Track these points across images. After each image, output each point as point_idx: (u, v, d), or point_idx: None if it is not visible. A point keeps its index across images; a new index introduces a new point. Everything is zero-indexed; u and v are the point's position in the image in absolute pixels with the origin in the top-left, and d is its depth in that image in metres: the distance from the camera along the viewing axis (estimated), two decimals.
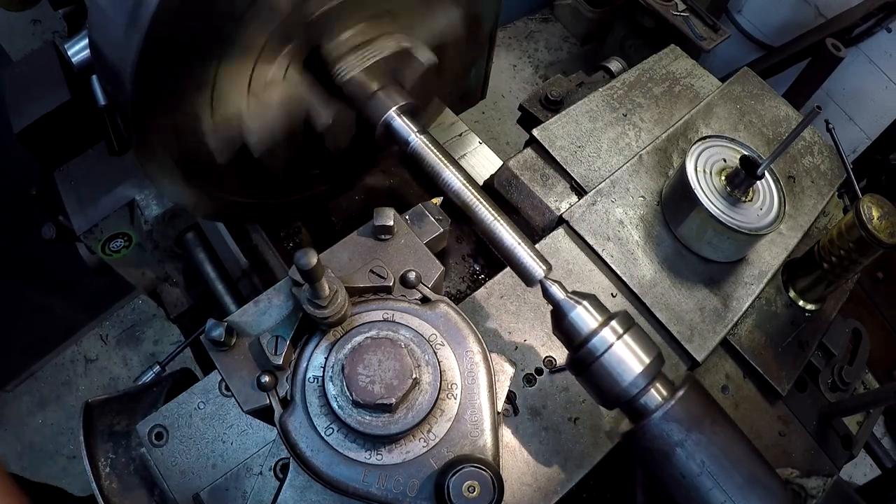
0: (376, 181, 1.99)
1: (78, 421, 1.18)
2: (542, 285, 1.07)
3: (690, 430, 0.96)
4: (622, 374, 0.97)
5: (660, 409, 0.97)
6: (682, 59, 1.85)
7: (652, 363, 0.99)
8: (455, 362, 0.95)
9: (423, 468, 0.88)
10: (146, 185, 1.85)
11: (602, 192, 1.50)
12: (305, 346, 0.95)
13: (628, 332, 1.00)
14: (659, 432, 0.96)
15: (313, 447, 0.88)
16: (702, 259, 1.45)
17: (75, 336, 4.00)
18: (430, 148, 1.24)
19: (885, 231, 1.30)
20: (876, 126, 3.39)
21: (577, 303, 1.02)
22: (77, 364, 3.97)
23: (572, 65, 5.44)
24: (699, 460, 0.95)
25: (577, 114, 1.65)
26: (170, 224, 1.93)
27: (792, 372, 1.45)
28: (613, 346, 0.98)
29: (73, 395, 3.86)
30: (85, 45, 1.39)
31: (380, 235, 1.05)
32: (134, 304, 4.17)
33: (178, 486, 1.08)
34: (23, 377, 3.85)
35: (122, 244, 1.97)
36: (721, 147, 1.49)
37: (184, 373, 1.42)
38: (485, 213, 1.14)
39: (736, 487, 0.94)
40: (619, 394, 0.98)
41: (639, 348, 0.99)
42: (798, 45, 4.06)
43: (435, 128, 2.05)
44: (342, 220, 1.93)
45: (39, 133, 1.69)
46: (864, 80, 4.22)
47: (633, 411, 1.00)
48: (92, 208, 1.82)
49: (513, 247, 1.10)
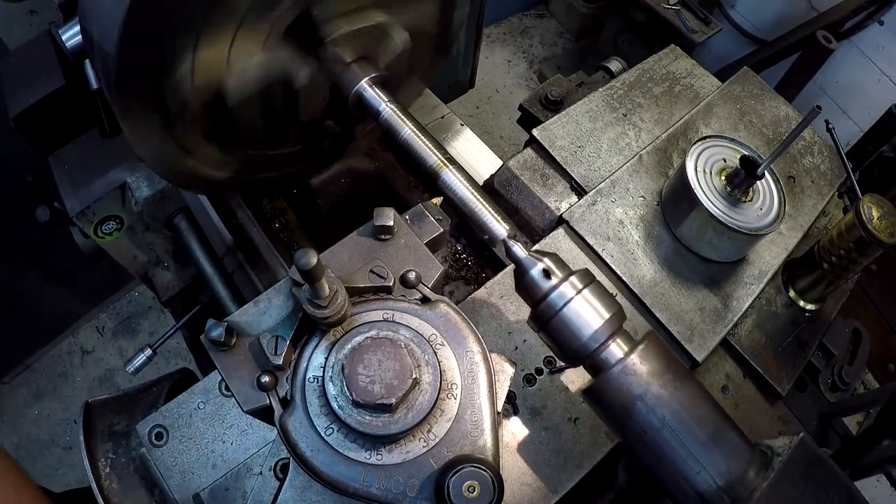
0: (362, 165, 2.03)
1: (78, 421, 1.18)
2: (505, 244, 1.09)
3: (650, 384, 0.96)
4: (581, 328, 0.99)
5: (619, 364, 0.97)
6: (682, 59, 1.85)
7: (612, 318, 1.00)
8: (455, 362, 0.95)
9: (423, 468, 0.88)
10: (137, 167, 1.92)
11: (602, 192, 1.50)
12: (305, 346, 0.95)
13: (588, 287, 1.01)
14: (619, 386, 0.97)
15: (313, 447, 0.88)
16: (702, 259, 1.45)
17: (72, 328, 4.05)
18: (401, 117, 1.28)
19: (885, 231, 1.30)
20: (869, 119, 3.40)
21: (538, 260, 1.04)
22: (74, 356, 4.01)
23: (567, 60, 5.48)
24: (660, 415, 0.95)
25: (577, 114, 1.65)
26: (159, 205, 1.98)
27: (792, 372, 1.45)
28: (573, 300, 0.99)
29: (70, 387, 3.91)
30: (79, 30, 1.42)
31: (380, 235, 1.05)
32: (130, 297, 4.21)
33: (178, 486, 1.08)
34: (20, 369, 3.90)
35: (114, 226, 2.03)
36: (721, 147, 1.49)
37: (184, 373, 1.42)
38: (453, 178, 1.18)
39: (698, 443, 0.94)
40: (578, 348, 0.99)
41: (598, 303, 1.00)
42: (790, 39, 4.07)
43: (420, 111, 2.08)
44: (329, 203, 1.97)
45: (34, 118, 1.73)
46: (856, 73, 4.23)
47: (594, 367, 1.01)
48: (84, 191, 1.89)
49: (478, 210, 1.14)
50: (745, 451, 0.97)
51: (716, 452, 0.94)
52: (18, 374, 3.89)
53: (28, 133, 1.78)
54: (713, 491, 0.94)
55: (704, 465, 0.94)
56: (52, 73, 1.72)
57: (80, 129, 1.89)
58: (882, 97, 4.00)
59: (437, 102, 2.19)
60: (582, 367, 1.04)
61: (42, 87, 1.70)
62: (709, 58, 4.97)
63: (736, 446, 0.96)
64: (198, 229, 2.03)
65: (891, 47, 4.01)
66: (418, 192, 2.02)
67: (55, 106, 1.74)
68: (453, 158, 1.22)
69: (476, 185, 1.18)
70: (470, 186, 1.17)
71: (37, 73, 1.74)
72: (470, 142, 2.06)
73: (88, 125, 1.88)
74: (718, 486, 0.94)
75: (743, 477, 0.94)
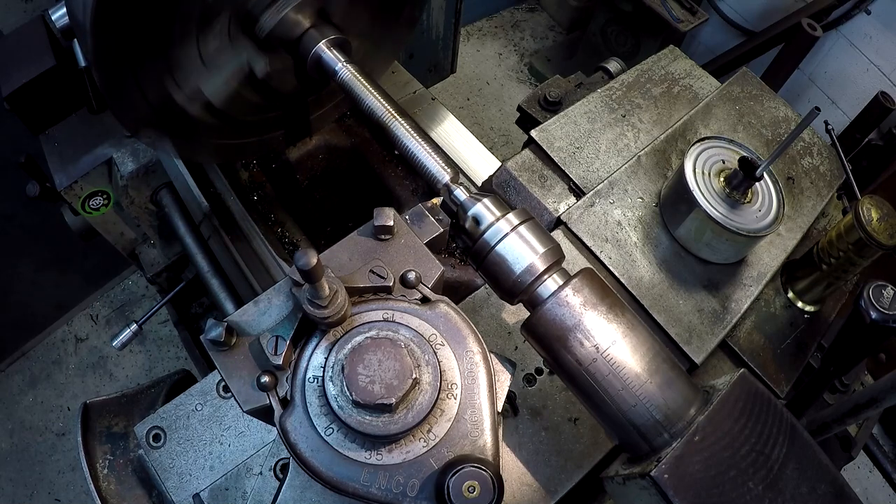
0: (339, 140, 2.14)
1: (76, 422, 1.17)
2: (447, 188, 1.12)
3: (584, 314, 0.97)
4: (515, 262, 1.01)
5: (553, 296, 0.98)
6: (681, 60, 1.86)
7: (546, 253, 1.01)
8: (455, 362, 0.94)
9: (423, 468, 0.88)
10: (124, 143, 2.04)
11: (600, 194, 1.50)
12: (305, 346, 0.94)
13: (524, 224, 1.03)
14: (552, 318, 0.98)
15: (313, 447, 0.88)
16: (700, 261, 1.45)
17: (66, 316, 4.09)
18: (357, 76, 1.35)
19: (884, 233, 1.30)
20: (858, 109, 3.43)
21: (477, 200, 1.06)
22: (67, 343, 4.06)
23: (556, 52, 5.56)
24: (594, 344, 0.95)
25: (575, 115, 1.65)
26: (144, 180, 2.10)
27: (791, 373, 1.45)
28: (508, 236, 1.01)
29: (64, 374, 3.95)
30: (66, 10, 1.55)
31: (380, 235, 1.05)
32: (124, 285, 4.26)
33: (176, 487, 1.08)
34: (14, 356, 3.95)
35: (102, 202, 2.15)
36: (720, 148, 1.49)
37: (182, 375, 1.42)
38: (401, 129, 1.25)
39: (634, 375, 0.95)
40: (514, 282, 1.01)
41: (533, 239, 1.02)
42: (778, 29, 4.09)
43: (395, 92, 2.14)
44: (307, 178, 2.05)
45: (26, 97, 1.82)
46: (844, 63, 4.25)
47: (531, 302, 1.02)
48: (72, 166, 2.01)
49: (423, 157, 1.20)
50: (685, 388, 0.97)
51: (652, 385, 0.94)
52: (13, 361, 3.94)
53: (20, 112, 1.86)
54: (650, 424, 0.94)
55: (640, 397, 0.94)
56: (43, 54, 1.79)
57: (70, 107, 1.98)
58: (870, 87, 4.01)
59: (417, 86, 2.29)
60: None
61: (34, 68, 1.78)
62: (699, 50, 5.02)
63: (675, 382, 0.96)
64: (181, 204, 2.12)
65: (878, 37, 4.02)
66: (392, 165, 2.12)
67: (46, 85, 1.82)
68: (403, 111, 1.28)
69: (425, 136, 1.23)
70: (417, 136, 1.22)
71: (29, 54, 1.81)
72: (484, 160, 2.10)
73: (78, 104, 1.97)
74: (655, 420, 0.94)
75: (682, 412, 0.94)
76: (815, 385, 1.40)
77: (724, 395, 0.94)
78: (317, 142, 2.11)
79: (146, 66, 1.31)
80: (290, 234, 1.98)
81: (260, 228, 1.82)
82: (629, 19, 4.61)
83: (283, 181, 2.07)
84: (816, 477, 0.92)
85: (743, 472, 0.90)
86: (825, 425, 1.39)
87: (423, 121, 2.14)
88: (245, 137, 1.73)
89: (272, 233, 1.98)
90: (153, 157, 2.05)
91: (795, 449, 0.93)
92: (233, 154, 1.82)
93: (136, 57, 1.27)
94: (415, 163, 1.21)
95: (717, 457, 0.90)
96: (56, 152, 2.01)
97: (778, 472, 0.90)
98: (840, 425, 1.37)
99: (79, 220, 2.22)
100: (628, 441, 0.98)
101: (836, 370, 1.35)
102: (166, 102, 1.42)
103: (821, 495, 0.91)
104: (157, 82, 1.37)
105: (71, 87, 1.83)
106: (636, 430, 0.95)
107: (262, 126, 1.74)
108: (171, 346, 3.98)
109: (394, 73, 2.28)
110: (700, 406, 0.96)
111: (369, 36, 1.74)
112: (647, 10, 4.36)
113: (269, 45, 1.44)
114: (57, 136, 2.02)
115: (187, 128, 1.54)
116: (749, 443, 0.92)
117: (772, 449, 0.92)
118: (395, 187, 2.11)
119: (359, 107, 1.34)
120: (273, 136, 1.80)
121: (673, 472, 0.88)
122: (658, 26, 4.37)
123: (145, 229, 2.35)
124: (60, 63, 1.79)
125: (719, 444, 0.91)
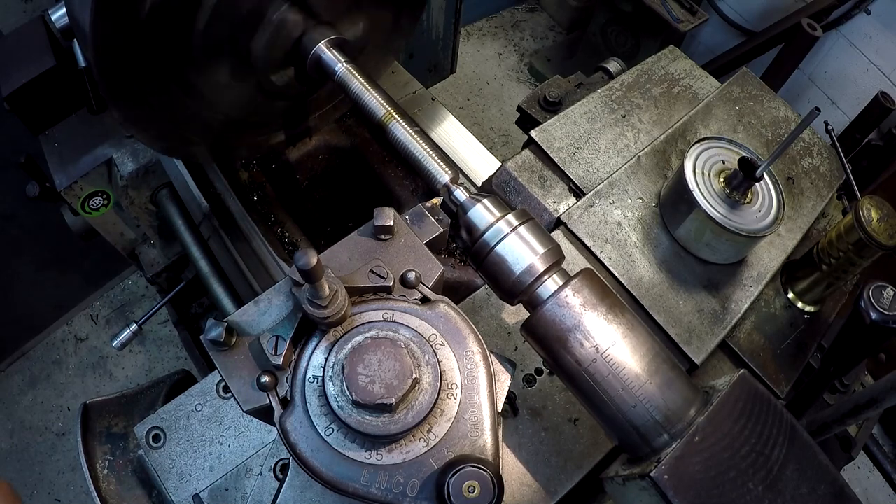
0: (339, 140, 2.15)
1: (76, 422, 1.17)
2: (447, 188, 1.12)
3: (584, 315, 0.97)
4: (515, 262, 1.00)
5: (553, 297, 0.98)
6: (681, 60, 1.86)
7: (546, 253, 1.01)
8: (455, 362, 0.94)
9: (423, 468, 0.88)
10: (123, 143, 2.05)
11: (600, 194, 1.50)
12: (305, 346, 0.94)
13: (524, 224, 1.03)
14: (552, 318, 0.98)
15: (313, 447, 0.88)
16: (700, 261, 1.45)
17: (66, 316, 4.10)
18: (356, 75, 1.36)
19: (884, 233, 1.30)
20: (858, 109, 3.43)
21: (477, 200, 1.06)
22: (67, 343, 4.06)
23: (556, 52, 5.57)
24: (594, 345, 0.95)
25: (575, 115, 1.65)
26: (143, 180, 2.10)
27: (791, 374, 1.45)
28: (507, 236, 1.01)
29: (64, 374, 3.96)
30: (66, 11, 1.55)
31: (380, 235, 1.05)
32: (124, 285, 4.27)
33: (176, 487, 1.08)
34: (14, 356, 3.96)
35: (101, 202, 2.15)
36: (720, 148, 1.49)
37: (182, 375, 1.42)
38: (401, 129, 1.25)
39: (634, 376, 0.94)
40: (514, 283, 1.01)
41: (533, 239, 1.02)
42: (778, 29, 4.09)
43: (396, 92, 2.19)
44: (307, 179, 2.06)
45: (26, 97, 1.83)
46: (845, 63, 4.24)
47: (531, 303, 1.02)
48: (72, 166, 2.02)
49: (423, 158, 1.20)
50: (685, 388, 0.97)
51: (652, 386, 0.94)
52: (13, 361, 3.95)
53: (20, 112, 1.87)
54: (650, 424, 0.94)
55: (640, 398, 0.94)
56: (43, 54, 1.80)
57: (70, 108, 1.99)
58: (870, 87, 4.01)
59: (417, 86, 2.30)
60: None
61: (33, 68, 1.79)
62: (699, 50, 5.02)
63: (675, 382, 0.96)
64: (180, 204, 2.12)
65: (878, 37, 4.02)
66: (392, 165, 2.13)
67: (46, 85, 1.83)
68: (403, 111, 1.29)
69: (424, 136, 1.23)
70: (417, 137, 1.22)
71: (28, 54, 1.82)
72: (484, 160, 2.11)
73: (78, 105, 1.98)
74: (655, 420, 0.94)
75: (682, 412, 0.94)
76: (815, 385, 1.40)
77: (724, 396, 0.94)
78: (317, 142, 2.11)
79: (149, 74, 1.30)
80: (290, 234, 1.99)
81: (260, 229, 1.82)
82: (629, 19, 4.62)
83: (283, 181, 2.07)
84: (816, 477, 0.92)
85: (743, 472, 0.90)
86: (825, 426, 1.39)
87: (423, 121, 2.14)
88: (244, 137, 1.73)
89: (272, 233, 1.98)
90: (153, 157, 2.06)
91: (795, 449, 0.93)
92: (232, 153, 1.82)
93: (139, 70, 1.27)
94: (414, 163, 1.21)
95: (717, 457, 0.90)
96: (56, 152, 2.02)
97: (778, 472, 0.90)
98: (840, 426, 1.37)
99: (79, 221, 2.22)
100: (628, 442, 0.98)
101: (836, 371, 1.35)
102: (167, 103, 1.42)
103: (821, 496, 0.91)
104: (160, 85, 1.36)
105: (71, 87, 1.83)
106: (636, 430, 0.95)
107: (262, 126, 1.74)
108: (171, 346, 3.98)
109: (394, 73, 2.28)
110: (700, 407, 0.96)
111: (369, 38, 1.74)
112: (647, 11, 4.38)
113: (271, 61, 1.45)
114: (57, 136, 2.03)
115: (188, 126, 1.54)
116: (749, 443, 0.92)
117: (772, 449, 0.92)
118: (395, 187, 2.11)
119: (358, 107, 1.34)
120: (273, 136, 1.80)
121: (673, 473, 0.88)
122: (658, 26, 4.38)
123: (145, 229, 2.35)
124: (60, 63, 1.80)
125: (719, 444, 0.91)
